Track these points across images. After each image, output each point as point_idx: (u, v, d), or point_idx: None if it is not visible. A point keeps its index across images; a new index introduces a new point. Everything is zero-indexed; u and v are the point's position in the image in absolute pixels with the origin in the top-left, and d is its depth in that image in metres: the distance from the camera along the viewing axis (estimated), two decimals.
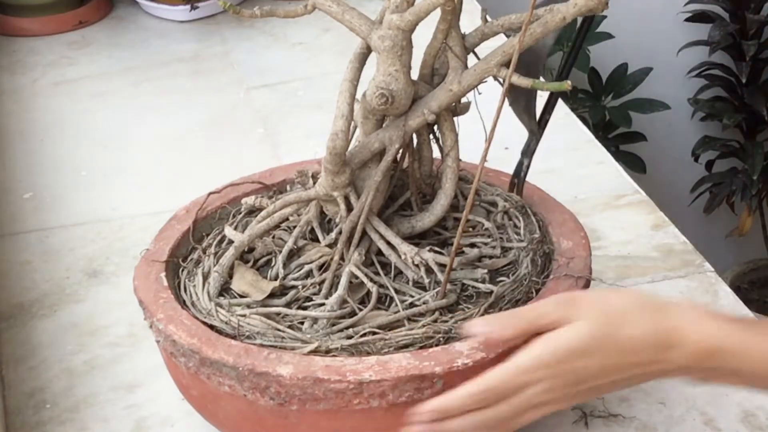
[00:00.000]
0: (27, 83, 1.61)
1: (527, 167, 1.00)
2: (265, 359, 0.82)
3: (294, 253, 0.93)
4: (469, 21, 0.91)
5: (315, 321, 0.86)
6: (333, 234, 0.92)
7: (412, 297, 0.88)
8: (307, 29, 1.72)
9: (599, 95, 2.22)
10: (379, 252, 0.91)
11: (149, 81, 1.61)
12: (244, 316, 0.86)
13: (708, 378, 0.79)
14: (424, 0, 0.84)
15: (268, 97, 1.54)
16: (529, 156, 1.00)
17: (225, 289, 0.91)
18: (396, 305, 0.87)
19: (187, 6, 1.76)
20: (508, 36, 0.90)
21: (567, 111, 1.48)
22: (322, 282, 0.90)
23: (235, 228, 0.97)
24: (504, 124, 0.84)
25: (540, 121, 0.99)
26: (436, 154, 0.94)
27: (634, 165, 2.18)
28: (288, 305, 0.89)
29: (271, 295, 0.89)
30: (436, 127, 0.93)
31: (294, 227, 0.95)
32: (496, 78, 0.88)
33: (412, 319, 0.86)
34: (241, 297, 0.90)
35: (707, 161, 2.28)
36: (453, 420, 0.78)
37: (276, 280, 0.90)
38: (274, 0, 1.70)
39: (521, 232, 0.95)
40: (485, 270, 0.91)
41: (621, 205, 1.27)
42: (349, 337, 0.84)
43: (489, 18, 0.90)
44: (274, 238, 0.95)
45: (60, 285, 1.16)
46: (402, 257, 0.90)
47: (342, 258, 0.90)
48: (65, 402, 1.00)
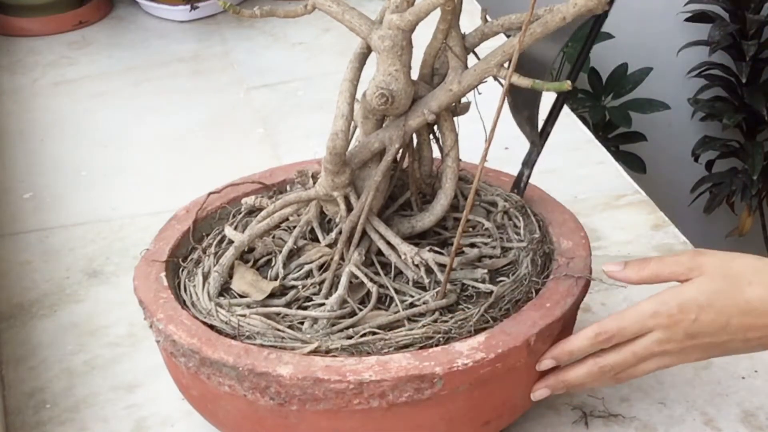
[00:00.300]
0: (27, 83, 1.61)
1: (527, 177, 1.00)
2: (265, 359, 0.82)
3: (294, 253, 0.93)
4: (469, 21, 0.91)
5: (315, 321, 0.86)
6: (333, 234, 0.92)
7: (412, 297, 0.88)
8: (307, 29, 1.72)
9: (599, 95, 2.22)
10: (379, 252, 0.91)
11: (149, 81, 1.61)
12: (244, 316, 0.86)
13: None
14: (424, 0, 0.84)
15: (268, 97, 1.54)
16: (530, 167, 1.00)
17: (225, 289, 0.91)
18: (396, 305, 0.87)
19: (187, 6, 1.76)
20: (508, 36, 0.90)
21: (567, 111, 1.48)
22: (322, 282, 0.90)
23: (235, 228, 0.97)
24: (504, 124, 0.84)
25: (542, 133, 0.99)
26: (436, 154, 0.94)
27: (634, 165, 2.18)
28: (288, 305, 0.89)
29: (271, 295, 0.89)
30: (436, 127, 0.93)
31: (294, 227, 0.95)
32: (496, 78, 0.88)
33: (412, 319, 0.86)
34: (241, 297, 0.90)
35: (707, 161, 2.28)
36: (572, 368, 0.82)
37: (276, 280, 0.90)
38: (274, 0, 1.71)
39: (521, 232, 0.95)
40: (485, 270, 0.91)
41: (621, 205, 1.27)
42: (349, 337, 0.84)
43: (489, 18, 0.90)
44: (274, 238, 0.95)
45: (60, 285, 1.16)
46: (402, 257, 0.90)
47: (342, 258, 0.90)
48: (65, 402, 1.00)
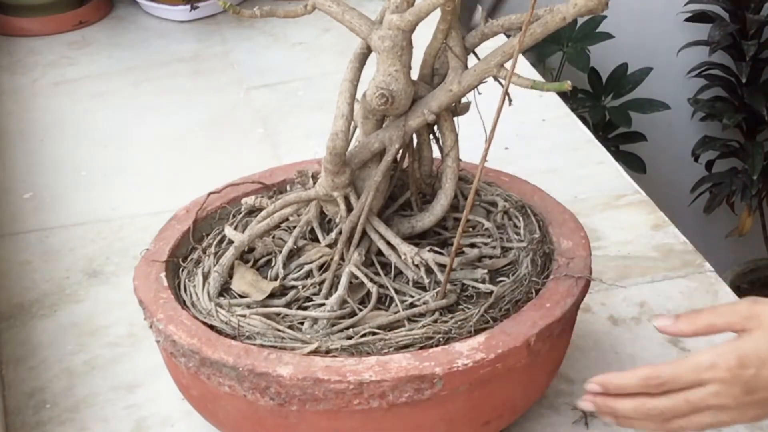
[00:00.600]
0: (27, 83, 1.61)
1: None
2: (265, 359, 0.82)
3: (294, 253, 0.93)
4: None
5: (315, 321, 0.86)
6: (333, 234, 0.92)
7: (412, 297, 0.88)
8: (307, 29, 1.72)
9: (599, 95, 2.21)
10: (379, 252, 0.91)
11: (149, 81, 1.61)
12: (244, 316, 0.86)
13: None
14: (424, 0, 0.84)
15: (268, 97, 1.54)
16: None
17: (225, 289, 0.91)
18: (396, 305, 0.87)
19: (187, 6, 1.76)
20: (508, 36, 0.90)
21: (567, 111, 1.48)
22: (322, 282, 0.90)
23: (235, 228, 0.97)
24: (504, 124, 0.84)
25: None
26: (436, 154, 0.94)
27: (634, 165, 2.17)
28: (288, 305, 0.88)
29: (271, 295, 0.89)
30: (436, 127, 0.93)
31: (294, 227, 0.95)
32: (496, 78, 0.88)
33: (412, 320, 0.86)
34: (241, 297, 0.90)
35: (707, 161, 2.28)
36: (621, 399, 0.78)
37: (276, 280, 0.90)
38: (274, 0, 1.71)
39: (521, 232, 0.95)
40: (485, 270, 0.91)
41: (621, 205, 1.26)
42: (349, 338, 0.84)
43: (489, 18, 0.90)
44: (274, 238, 0.95)
45: (60, 285, 1.16)
46: (402, 257, 0.89)
47: (342, 258, 0.90)
48: (65, 402, 1.00)
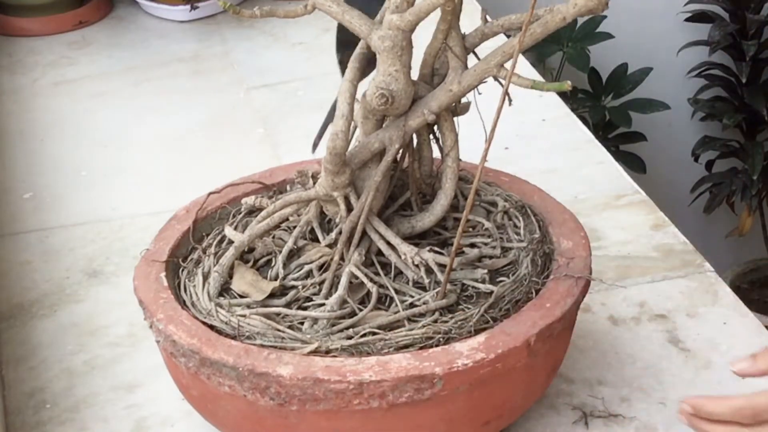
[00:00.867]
0: (27, 83, 1.61)
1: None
2: (265, 359, 0.82)
3: (294, 253, 0.93)
4: (469, 21, 0.91)
5: (315, 321, 0.86)
6: (333, 234, 0.92)
7: (412, 297, 0.88)
8: (307, 29, 1.72)
9: (599, 95, 2.22)
10: (379, 252, 0.91)
11: (149, 81, 1.61)
12: (244, 316, 0.86)
13: None
14: (424, 0, 0.84)
15: (268, 97, 1.54)
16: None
17: (225, 289, 0.91)
18: (396, 305, 0.87)
19: (187, 6, 1.76)
20: (508, 36, 0.90)
21: (567, 111, 1.48)
22: (322, 282, 0.90)
23: (235, 228, 0.97)
24: (504, 124, 0.84)
25: None
26: (436, 154, 0.94)
27: (634, 165, 2.18)
28: (288, 305, 0.88)
29: (271, 296, 0.89)
30: (436, 127, 0.93)
31: (294, 227, 0.95)
32: (496, 78, 0.88)
33: (412, 320, 0.86)
34: (241, 297, 0.90)
35: (707, 161, 2.28)
36: (714, 425, 0.78)
37: (276, 280, 0.90)
38: (274, 0, 1.71)
39: (521, 232, 0.95)
40: (485, 270, 0.91)
41: (621, 205, 1.26)
42: (349, 338, 0.84)
43: (489, 18, 0.90)
44: (274, 238, 0.95)
45: (60, 285, 1.16)
46: (402, 257, 0.89)
47: (342, 258, 0.90)
48: (65, 402, 1.00)
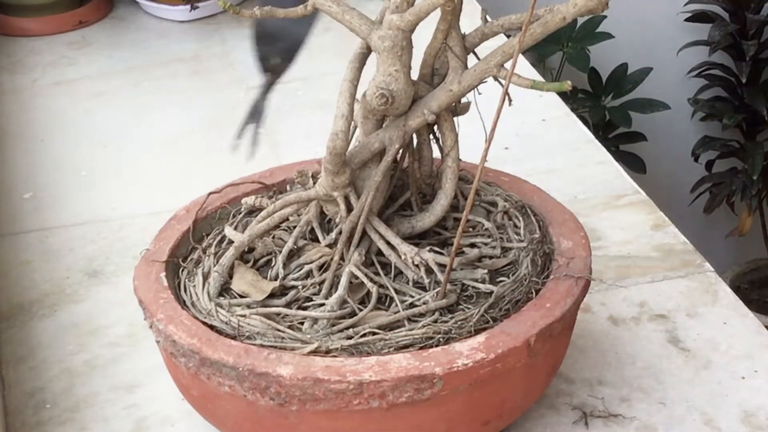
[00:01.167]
0: (27, 83, 1.61)
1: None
2: (265, 359, 0.82)
3: (294, 253, 0.93)
4: (469, 21, 0.91)
5: (315, 321, 0.86)
6: (333, 234, 0.92)
7: (412, 297, 0.88)
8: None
9: (599, 95, 2.22)
10: (379, 252, 0.91)
11: (149, 81, 1.61)
12: (244, 316, 0.86)
13: None
14: (424, 0, 0.84)
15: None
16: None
17: (225, 289, 0.91)
18: (396, 305, 0.87)
19: (187, 6, 1.75)
20: (508, 36, 0.90)
21: (567, 111, 1.48)
22: (322, 282, 0.90)
23: (235, 228, 0.97)
24: (504, 124, 0.84)
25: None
26: (436, 154, 0.94)
27: (634, 165, 2.18)
28: (288, 305, 0.88)
29: (271, 296, 0.89)
30: (436, 127, 0.93)
31: (294, 227, 0.95)
32: (496, 78, 0.88)
33: (412, 320, 0.86)
34: (241, 297, 0.90)
35: (707, 161, 2.28)
36: None
37: (276, 280, 0.90)
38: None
39: (521, 232, 0.95)
40: (485, 270, 0.91)
41: (621, 205, 1.26)
42: (349, 338, 0.84)
43: (489, 18, 0.90)
44: (274, 238, 0.95)
45: (60, 285, 1.16)
46: (402, 257, 0.89)
47: (342, 258, 0.90)
48: (65, 402, 1.00)
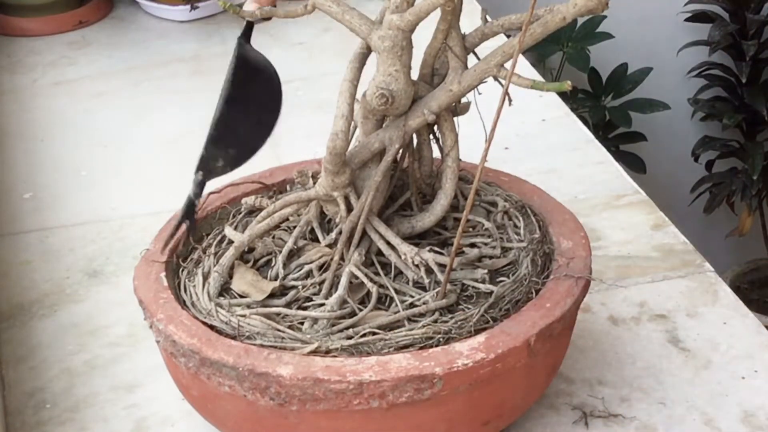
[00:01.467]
0: (27, 83, 1.61)
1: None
2: (265, 359, 0.82)
3: (294, 254, 0.93)
4: (469, 21, 0.91)
5: (315, 321, 0.86)
6: (333, 234, 0.92)
7: (412, 297, 0.88)
8: (307, 29, 1.72)
9: (599, 95, 2.22)
10: (379, 252, 0.91)
11: (149, 81, 1.61)
12: (244, 316, 0.86)
13: None
14: (424, 0, 0.84)
15: None
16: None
17: (225, 289, 0.91)
18: (396, 305, 0.87)
19: (187, 6, 1.76)
20: (508, 36, 0.90)
21: (567, 111, 1.48)
22: (322, 282, 0.90)
23: (235, 228, 0.97)
24: (504, 124, 0.84)
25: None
26: (436, 154, 0.94)
27: (634, 165, 2.18)
28: (288, 305, 0.88)
29: (271, 296, 0.89)
30: (436, 127, 0.93)
31: (294, 227, 0.95)
32: (496, 78, 0.88)
33: (412, 320, 0.86)
34: (241, 297, 0.90)
35: (707, 161, 2.28)
36: None
37: (276, 280, 0.90)
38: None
39: (521, 232, 0.95)
40: (485, 270, 0.91)
41: (621, 205, 1.26)
42: (349, 338, 0.84)
43: (489, 18, 0.90)
44: (274, 238, 0.95)
45: (60, 285, 1.16)
46: (402, 257, 0.89)
47: (342, 258, 0.90)
48: (65, 402, 1.00)
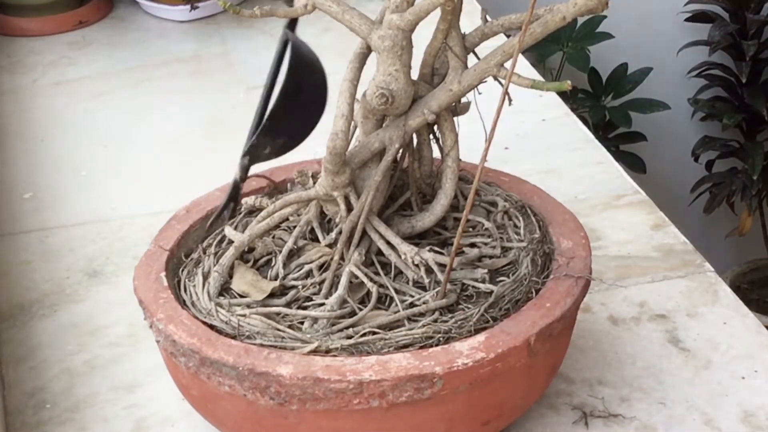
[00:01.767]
0: (27, 83, 1.61)
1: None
2: (265, 359, 0.82)
3: (294, 253, 0.93)
4: (469, 21, 0.91)
5: (315, 321, 0.86)
6: (333, 234, 0.92)
7: (412, 297, 0.88)
8: (307, 29, 1.71)
9: (599, 95, 2.22)
10: (379, 252, 0.91)
11: (149, 81, 1.61)
12: (244, 316, 0.86)
13: None
14: (424, 0, 0.84)
15: None
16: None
17: (225, 289, 0.91)
18: (396, 305, 0.87)
19: (187, 6, 1.76)
20: (508, 36, 0.90)
21: (567, 111, 1.48)
22: (322, 282, 0.90)
23: (235, 228, 0.97)
24: (504, 124, 0.84)
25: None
26: (436, 154, 0.94)
27: (634, 165, 2.18)
28: (288, 305, 0.89)
29: (271, 295, 0.89)
30: (436, 127, 0.93)
31: (294, 227, 0.95)
32: (496, 78, 0.88)
33: (412, 319, 0.86)
34: (241, 297, 0.90)
35: (707, 161, 2.28)
36: None
37: (276, 280, 0.90)
38: (274, 0, 1.70)
39: (521, 232, 0.95)
40: (485, 270, 0.91)
41: (621, 205, 1.26)
42: (349, 337, 0.84)
43: (489, 18, 0.90)
44: (274, 238, 0.95)
45: (60, 285, 1.16)
46: (402, 257, 0.89)
47: (342, 258, 0.90)
48: (65, 402, 1.00)
